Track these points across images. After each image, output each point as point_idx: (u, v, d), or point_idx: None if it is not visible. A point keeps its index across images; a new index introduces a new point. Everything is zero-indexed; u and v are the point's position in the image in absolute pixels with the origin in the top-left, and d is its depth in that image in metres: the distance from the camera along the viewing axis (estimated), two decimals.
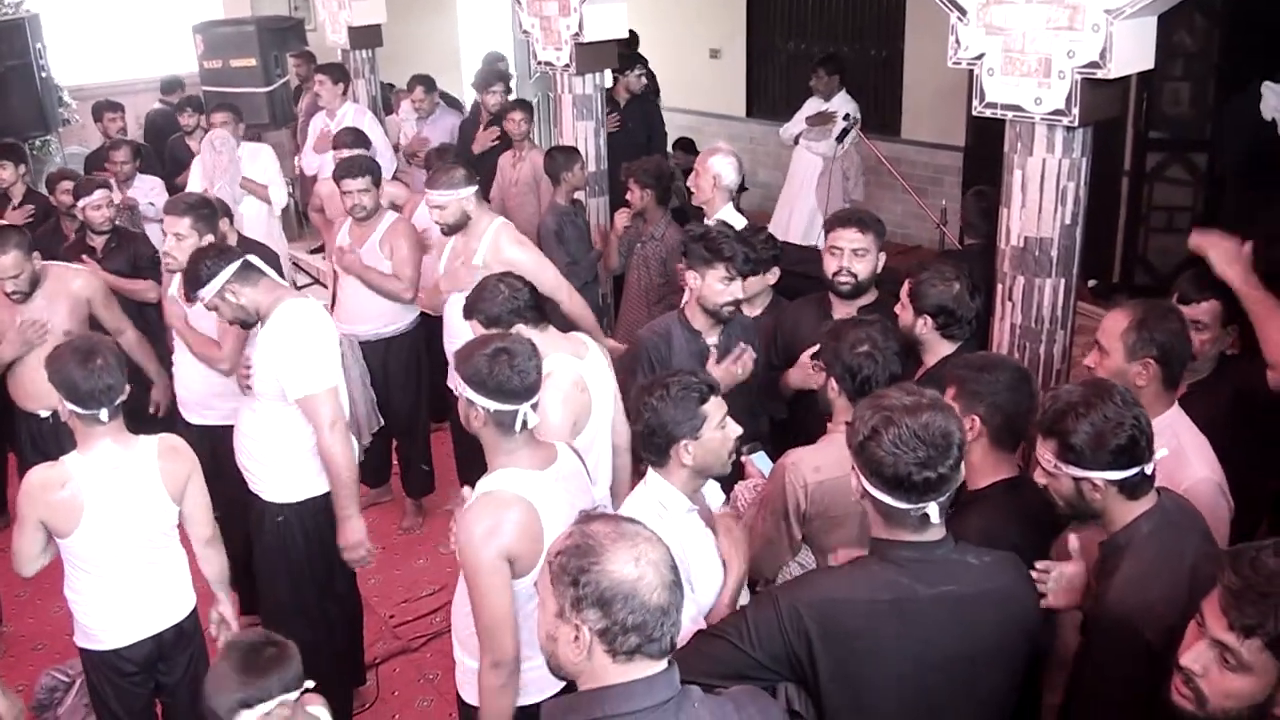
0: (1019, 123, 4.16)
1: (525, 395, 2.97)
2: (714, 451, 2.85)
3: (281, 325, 4.02)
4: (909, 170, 8.96)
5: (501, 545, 2.84)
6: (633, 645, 1.92)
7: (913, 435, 2.32)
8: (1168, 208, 8.10)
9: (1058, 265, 4.19)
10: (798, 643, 2.36)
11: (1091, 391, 2.57)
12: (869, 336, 3.24)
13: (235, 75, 9.57)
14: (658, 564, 1.96)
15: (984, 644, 2.42)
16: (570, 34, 6.35)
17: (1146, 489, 2.57)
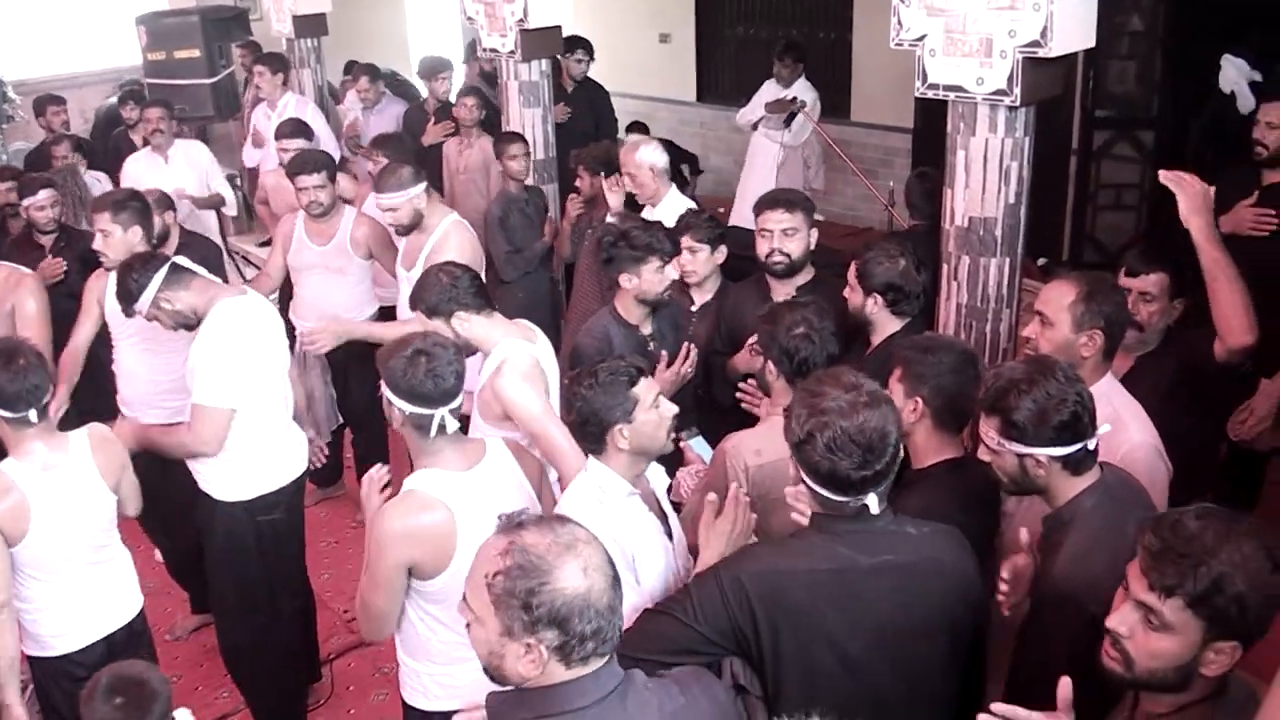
0: (961, 103, 4.16)
1: (441, 400, 2.96)
2: (650, 433, 2.83)
3: (214, 328, 3.92)
4: (859, 153, 8.95)
5: (407, 552, 2.91)
6: (589, 651, 1.93)
7: (849, 440, 2.35)
8: (1115, 185, 8.14)
9: (1002, 244, 4.21)
10: (741, 616, 2.39)
11: (1034, 369, 2.59)
12: (805, 318, 3.26)
13: (179, 67, 9.44)
14: (601, 567, 1.96)
15: (926, 613, 2.46)
16: (515, 20, 6.30)
17: (1090, 464, 2.60)
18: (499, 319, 3.85)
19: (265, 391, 4.06)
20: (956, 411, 3.00)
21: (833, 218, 9.53)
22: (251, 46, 9.56)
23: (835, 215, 9.54)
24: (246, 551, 4.20)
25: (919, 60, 4.22)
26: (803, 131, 7.74)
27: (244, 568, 4.23)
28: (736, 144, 8.97)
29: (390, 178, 4.97)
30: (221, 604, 4.40)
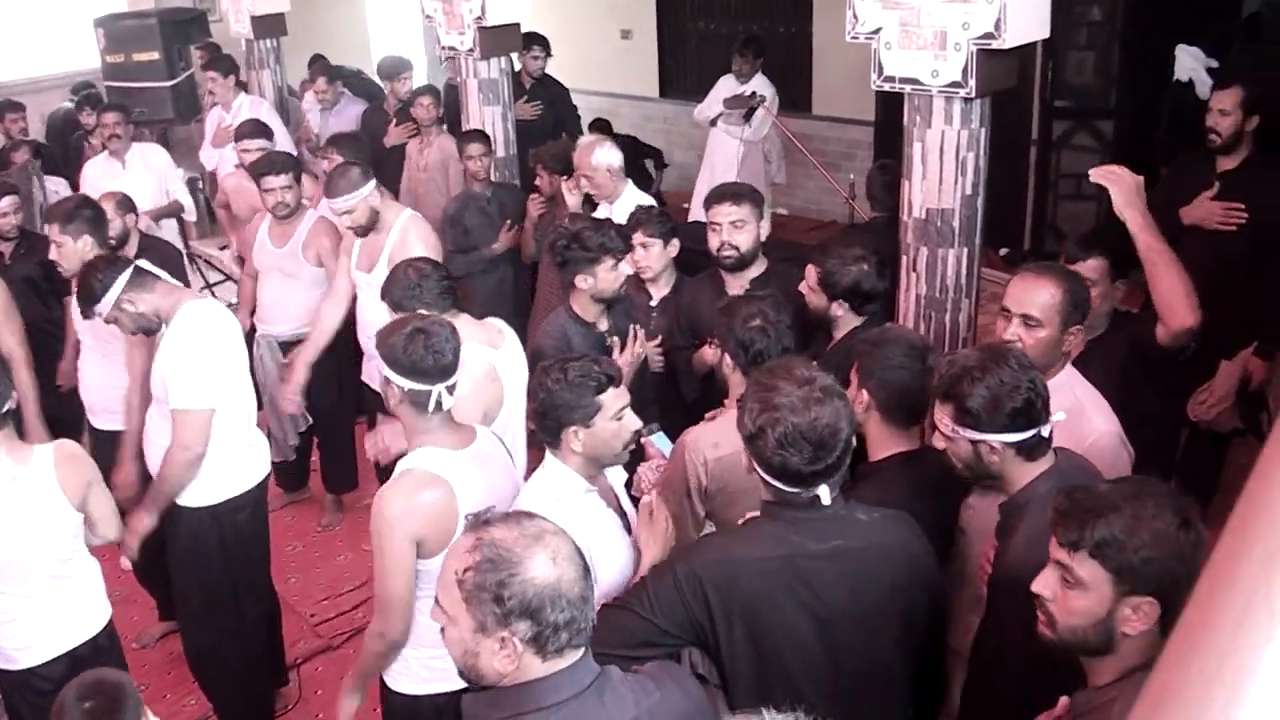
0: (917, 95, 4.18)
1: (440, 376, 3.01)
2: (605, 442, 2.83)
3: (181, 331, 3.93)
4: (821, 146, 9.00)
5: (412, 527, 2.91)
6: (563, 642, 1.93)
7: (800, 436, 2.37)
8: (1075, 175, 8.21)
9: (960, 235, 4.23)
10: (696, 606, 2.41)
11: (987, 356, 2.62)
12: (760, 311, 3.29)
13: (138, 69, 9.34)
14: (570, 557, 1.97)
15: (877, 598, 2.49)
16: (473, 18, 6.28)
17: (1044, 450, 2.62)
18: (465, 320, 3.84)
19: (229, 395, 4.04)
20: (905, 405, 3.02)
21: (795, 211, 9.57)
22: (210, 48, 9.49)
23: (798, 209, 9.59)
24: (210, 556, 4.18)
25: (875, 53, 4.23)
26: (763, 126, 7.76)
27: (208, 572, 4.21)
28: (700, 139, 8.98)
29: (340, 180, 4.93)
30: (186, 609, 4.37)
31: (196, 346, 3.91)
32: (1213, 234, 4.61)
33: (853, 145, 9.28)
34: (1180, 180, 4.88)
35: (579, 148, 5.49)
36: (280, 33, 8.68)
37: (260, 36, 8.57)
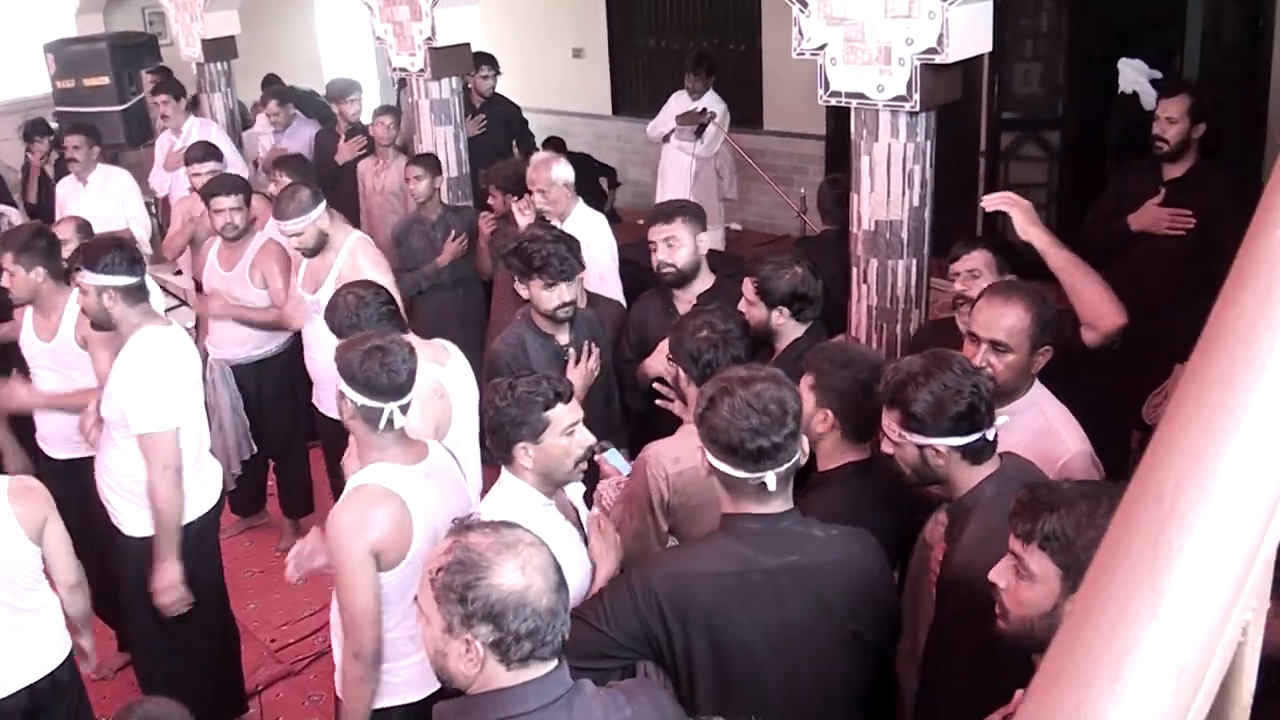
0: (863, 110, 4.24)
1: (393, 394, 3.03)
2: (556, 459, 2.84)
3: (136, 354, 3.91)
4: (773, 161, 9.06)
5: (370, 539, 2.91)
6: (526, 652, 1.94)
7: (746, 404, 2.42)
8: (1024, 185, 8.29)
9: (909, 246, 4.29)
10: (651, 620, 2.43)
11: (931, 361, 2.65)
12: (707, 322, 3.34)
13: (89, 94, 9.32)
14: (543, 569, 1.98)
15: (832, 612, 2.51)
16: (424, 39, 6.30)
17: (989, 454, 2.65)
18: (412, 339, 3.84)
19: (183, 423, 4.02)
20: (866, 423, 3.04)
21: (749, 226, 9.63)
22: (160, 73, 9.45)
23: (751, 224, 9.65)
24: None
25: (820, 69, 4.29)
26: (714, 142, 7.81)
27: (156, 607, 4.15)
28: (654, 156, 9.02)
29: (290, 203, 4.92)
30: (138, 640, 4.34)
31: (152, 371, 3.90)
32: (1161, 239, 4.69)
33: (804, 160, 9.35)
34: (1127, 188, 4.95)
35: (534, 164, 5.48)
36: (231, 56, 8.67)
37: (211, 60, 8.55)
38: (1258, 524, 0.61)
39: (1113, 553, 0.61)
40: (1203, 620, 0.59)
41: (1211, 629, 0.60)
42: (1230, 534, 0.61)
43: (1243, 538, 0.61)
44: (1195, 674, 0.58)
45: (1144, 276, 4.73)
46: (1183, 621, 0.59)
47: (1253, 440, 0.62)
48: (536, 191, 5.30)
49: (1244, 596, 0.62)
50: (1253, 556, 0.61)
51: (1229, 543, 0.61)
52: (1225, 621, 0.60)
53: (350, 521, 2.93)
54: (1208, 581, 0.60)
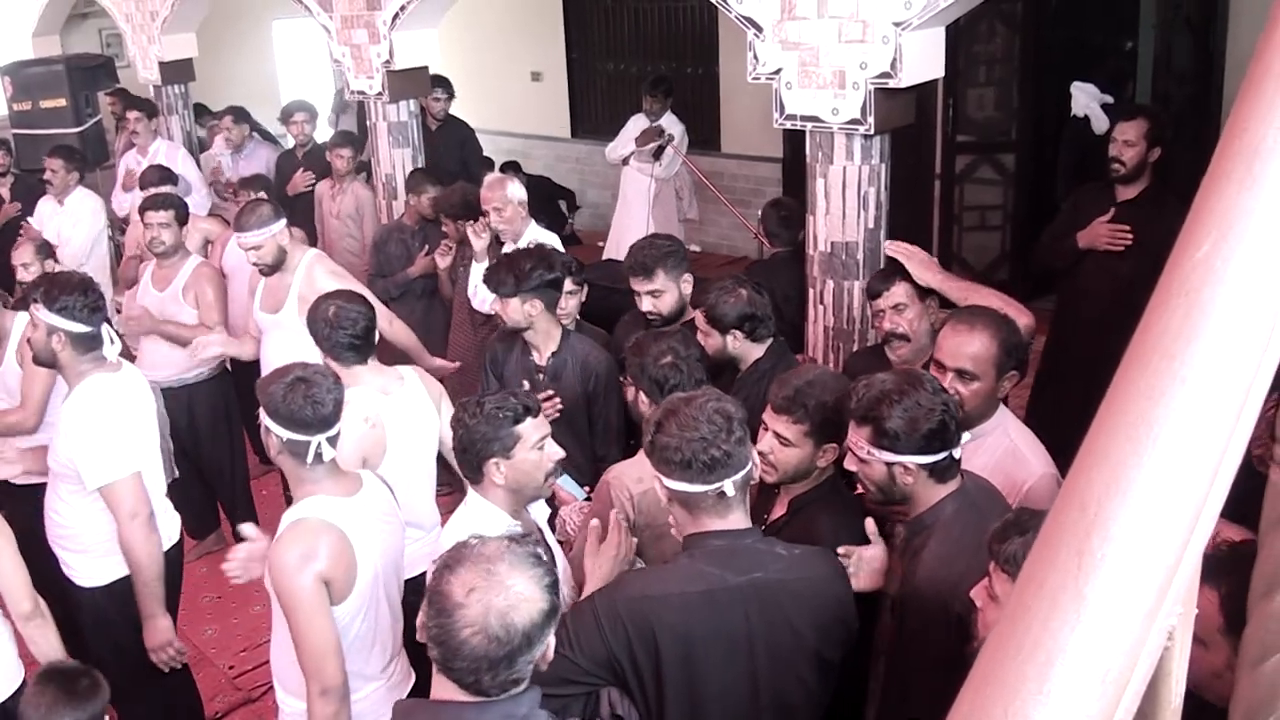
0: (819, 133, 4.29)
1: (319, 426, 2.96)
2: (527, 473, 2.85)
3: (82, 404, 3.75)
4: (731, 183, 9.13)
5: (318, 570, 2.84)
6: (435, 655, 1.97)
7: (691, 419, 2.45)
8: (979, 207, 8.42)
9: (864, 268, 4.33)
10: (616, 644, 2.42)
11: (904, 380, 2.67)
12: (671, 348, 3.34)
13: (45, 117, 9.23)
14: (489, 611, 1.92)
15: (795, 629, 2.52)
16: (381, 62, 6.31)
17: (954, 473, 2.68)
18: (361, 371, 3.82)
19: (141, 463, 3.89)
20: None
21: (708, 248, 9.69)
22: (121, 94, 9.40)
23: (710, 245, 9.71)
24: (117, 631, 4.00)
25: (776, 93, 4.34)
26: (673, 164, 7.85)
27: (119, 650, 4.00)
28: (613, 178, 9.06)
29: (250, 216, 4.90)
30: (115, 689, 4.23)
31: (101, 419, 3.74)
32: (1108, 258, 4.75)
33: (761, 182, 9.42)
34: (1080, 210, 5.02)
35: (488, 183, 5.47)
36: (189, 78, 8.67)
37: (168, 82, 8.54)
38: (1180, 533, 0.64)
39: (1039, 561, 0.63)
40: (1127, 625, 0.62)
41: (1136, 634, 0.62)
42: (1153, 542, 0.63)
43: (1165, 546, 0.63)
44: (1120, 678, 0.60)
45: (1093, 295, 4.81)
46: (1107, 627, 0.61)
47: (1174, 452, 0.64)
48: (492, 210, 5.27)
49: (1168, 602, 0.64)
50: (1176, 564, 0.63)
51: (1151, 551, 0.63)
52: (1150, 627, 0.62)
53: (295, 555, 2.83)
54: (1131, 588, 0.62)
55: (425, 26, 6.37)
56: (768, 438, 2.94)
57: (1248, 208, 0.68)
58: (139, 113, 8.03)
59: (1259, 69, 0.74)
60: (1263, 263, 0.67)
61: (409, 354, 4.76)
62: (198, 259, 5.65)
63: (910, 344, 3.64)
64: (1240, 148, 0.71)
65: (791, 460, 2.95)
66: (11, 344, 4.54)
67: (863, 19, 4.07)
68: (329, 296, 3.91)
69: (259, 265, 4.95)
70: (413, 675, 3.30)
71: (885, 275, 3.81)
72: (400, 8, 6.10)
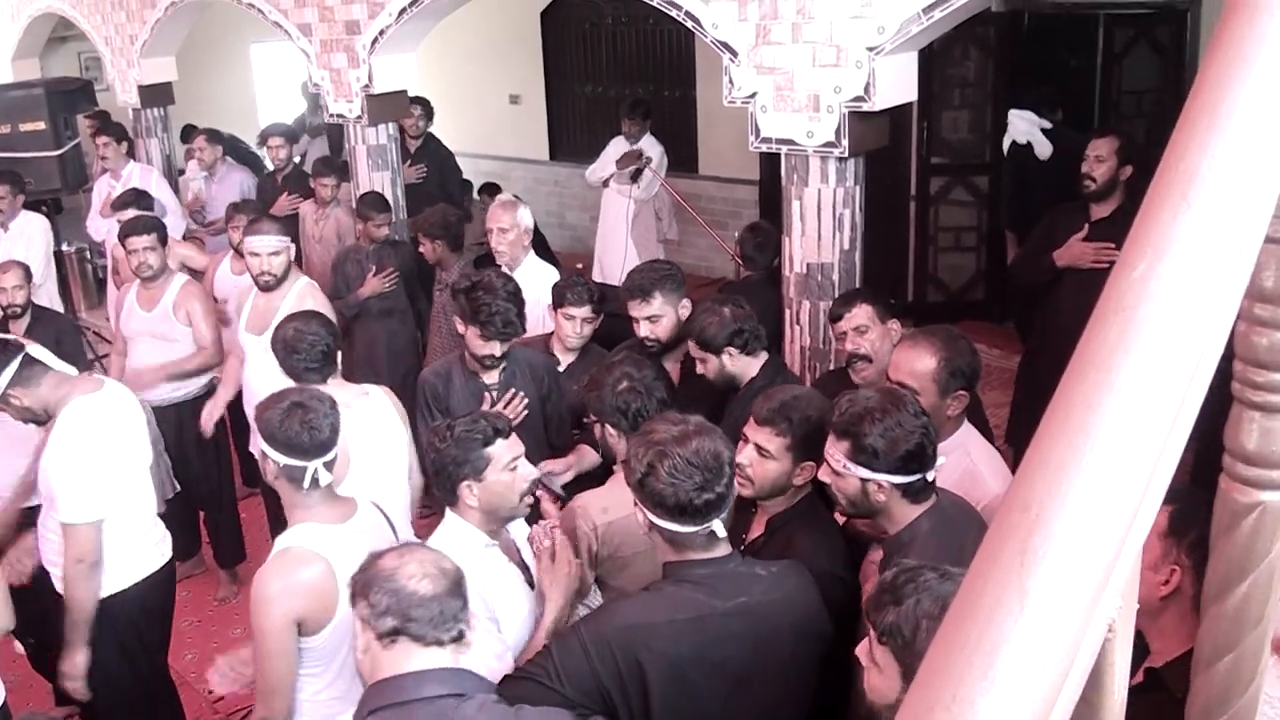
0: (794, 155, 4.36)
1: (316, 451, 2.99)
2: (500, 494, 2.88)
3: (64, 435, 3.71)
4: (708, 205, 9.20)
5: (291, 607, 2.88)
6: (390, 627, 2.12)
7: (686, 464, 2.43)
8: (954, 228, 8.50)
9: (840, 288, 4.39)
10: (605, 673, 2.41)
11: (888, 399, 2.70)
12: (625, 373, 3.32)
13: (24, 140, 9.21)
14: (423, 561, 2.17)
15: (782, 649, 2.53)
16: (360, 86, 6.36)
17: (928, 495, 2.70)
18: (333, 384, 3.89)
19: (122, 490, 3.90)
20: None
21: (687, 269, 9.60)
22: (99, 116, 9.41)
23: (689, 266, 9.70)
24: (107, 649, 3.95)
25: (752, 116, 4.40)
26: (652, 185, 7.91)
27: (108, 666, 3.99)
28: (591, 200, 9.12)
29: (266, 223, 5.03)
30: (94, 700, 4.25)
31: (83, 453, 3.70)
32: (1085, 275, 4.78)
33: (739, 204, 9.49)
34: (1056, 227, 5.06)
35: (501, 203, 5.42)
36: (168, 102, 8.72)
37: (148, 105, 8.58)
38: (1117, 531, 0.68)
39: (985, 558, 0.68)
40: (1067, 617, 0.66)
41: (1076, 625, 0.66)
42: (1091, 540, 0.68)
43: (1103, 543, 0.68)
44: (1062, 666, 0.65)
45: (1070, 314, 4.84)
46: (1048, 619, 0.65)
47: (1109, 457, 0.69)
48: (496, 230, 5.21)
49: (1108, 595, 0.69)
50: (1114, 560, 0.68)
51: (1090, 548, 0.68)
52: (1089, 618, 0.67)
53: (274, 590, 2.87)
54: (1071, 582, 0.67)
55: (404, 51, 6.42)
56: (748, 450, 2.95)
57: (1182, 231, 0.73)
58: (107, 137, 8.02)
59: (1196, 101, 0.79)
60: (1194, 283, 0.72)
61: None
62: (183, 276, 5.66)
63: (874, 365, 3.65)
64: (1176, 175, 0.76)
65: (770, 474, 2.96)
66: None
67: (837, 44, 4.14)
68: (288, 319, 3.97)
69: (267, 275, 4.98)
70: None
71: (846, 299, 3.83)
72: (379, 32, 6.16)
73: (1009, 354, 6.28)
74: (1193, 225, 0.73)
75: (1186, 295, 0.72)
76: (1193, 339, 0.71)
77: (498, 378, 4.16)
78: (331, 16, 6.41)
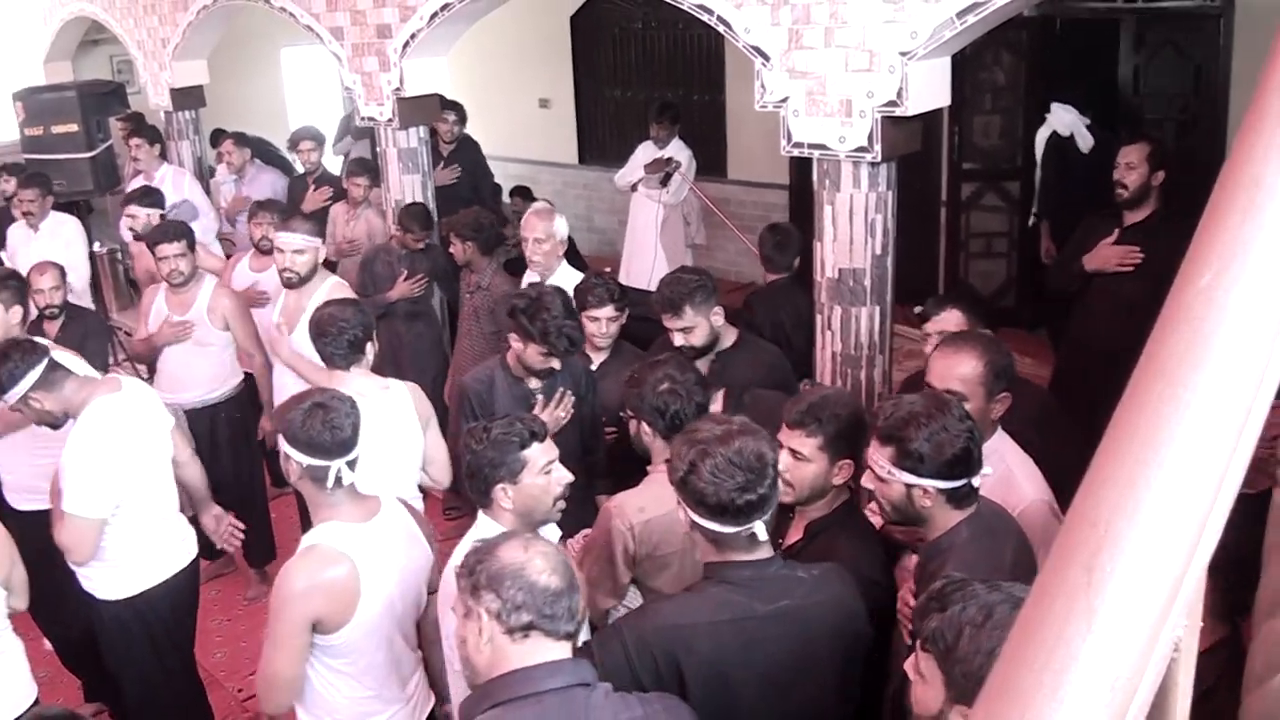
0: (825, 160, 4.34)
1: (338, 451, 2.99)
2: (535, 497, 2.88)
3: (85, 434, 3.75)
4: (738, 209, 9.18)
5: (311, 608, 2.88)
6: (525, 621, 2.08)
7: (729, 463, 2.43)
8: (985, 234, 8.46)
9: (872, 294, 4.37)
10: (645, 674, 2.42)
11: (933, 404, 2.68)
12: (667, 375, 3.33)
13: (57, 141, 9.30)
14: (546, 554, 2.14)
15: (820, 652, 2.53)
16: (392, 89, 6.38)
17: (972, 500, 2.69)
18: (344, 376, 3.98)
19: (144, 489, 3.94)
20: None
21: (716, 273, 9.59)
22: (133, 119, 9.48)
23: (718, 270, 9.71)
24: (136, 646, 4.07)
25: (783, 120, 4.39)
26: (680, 190, 7.91)
27: (138, 663, 4.09)
28: (620, 204, 9.12)
29: (298, 220, 5.09)
30: (124, 698, 4.27)
31: (96, 451, 3.74)
32: (1116, 283, 4.77)
33: (768, 209, 9.46)
34: (1089, 234, 5.03)
35: (537, 211, 5.41)
36: (199, 105, 8.77)
37: (179, 108, 8.64)
38: (1185, 550, 0.67)
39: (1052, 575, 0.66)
40: (1135, 636, 0.65)
41: (1144, 644, 0.65)
42: (1159, 557, 0.66)
43: (1171, 561, 0.67)
44: (1129, 686, 0.64)
45: (1101, 320, 4.82)
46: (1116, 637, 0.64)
47: (1179, 473, 0.68)
48: (531, 240, 5.20)
49: (1174, 615, 0.67)
50: (1181, 578, 0.66)
51: (1158, 565, 0.66)
52: (1156, 638, 0.66)
53: (297, 588, 2.88)
54: (1139, 601, 0.65)
55: (435, 54, 6.43)
56: (783, 456, 2.92)
57: (1249, 238, 0.72)
58: (141, 139, 8.08)
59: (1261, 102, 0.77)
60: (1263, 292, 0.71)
61: None
62: (213, 280, 5.69)
63: None
64: (1242, 179, 0.74)
65: (808, 476, 2.96)
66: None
67: (869, 49, 4.12)
68: (327, 303, 4.07)
69: (290, 272, 5.01)
70: (433, 696, 3.34)
71: (940, 300, 3.83)
72: (411, 36, 6.18)
73: (1041, 363, 6.22)
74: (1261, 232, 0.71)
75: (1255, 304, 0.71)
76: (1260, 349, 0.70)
77: (540, 382, 4.18)
78: (363, 20, 6.43)
